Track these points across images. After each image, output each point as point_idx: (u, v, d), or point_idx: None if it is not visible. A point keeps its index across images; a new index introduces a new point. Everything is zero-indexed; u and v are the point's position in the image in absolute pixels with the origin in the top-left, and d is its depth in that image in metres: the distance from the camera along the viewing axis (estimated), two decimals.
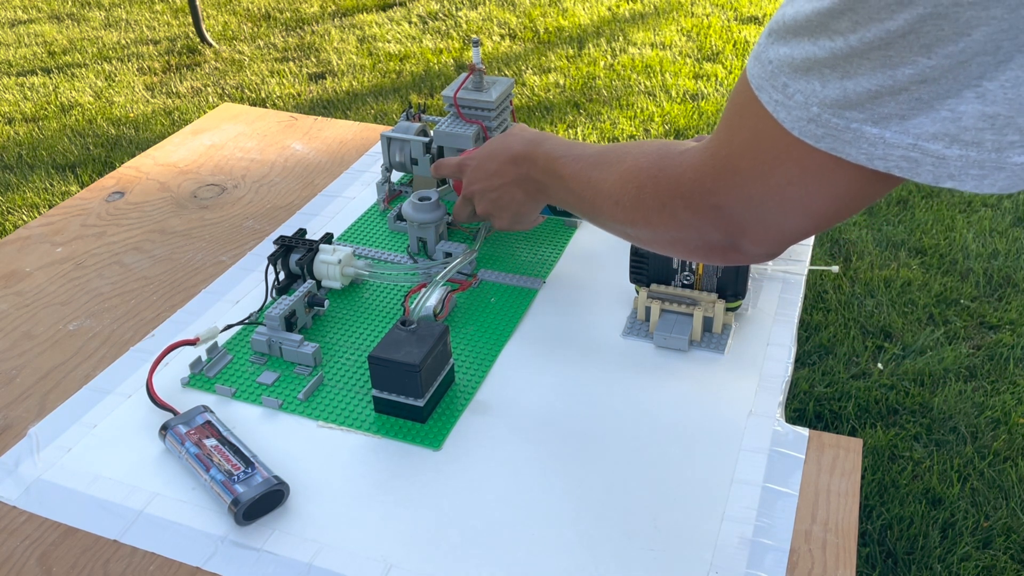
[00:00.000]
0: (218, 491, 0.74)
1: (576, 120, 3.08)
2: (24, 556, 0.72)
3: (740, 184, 0.54)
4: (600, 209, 0.71)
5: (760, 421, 0.82)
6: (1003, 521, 1.63)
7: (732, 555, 0.70)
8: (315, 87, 3.46)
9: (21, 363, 0.93)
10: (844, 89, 0.44)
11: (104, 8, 4.33)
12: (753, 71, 0.50)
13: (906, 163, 0.44)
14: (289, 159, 1.32)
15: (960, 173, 0.43)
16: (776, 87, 0.48)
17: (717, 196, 0.56)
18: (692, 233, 0.60)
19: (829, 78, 0.45)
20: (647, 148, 0.66)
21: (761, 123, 0.49)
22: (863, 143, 0.45)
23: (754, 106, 0.50)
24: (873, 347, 2.04)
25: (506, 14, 4.00)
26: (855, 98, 0.44)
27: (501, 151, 0.90)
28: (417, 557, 0.70)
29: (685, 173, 0.59)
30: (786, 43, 0.47)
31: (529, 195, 0.89)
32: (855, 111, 0.45)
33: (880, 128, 0.44)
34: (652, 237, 0.65)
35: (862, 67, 0.43)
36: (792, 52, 0.47)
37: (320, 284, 1.00)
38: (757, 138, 0.51)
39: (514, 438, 0.81)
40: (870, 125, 0.44)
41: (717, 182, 0.55)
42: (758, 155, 0.51)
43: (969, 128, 0.42)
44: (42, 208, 2.75)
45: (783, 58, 0.47)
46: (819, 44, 0.45)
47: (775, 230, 0.55)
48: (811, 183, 0.50)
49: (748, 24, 3.77)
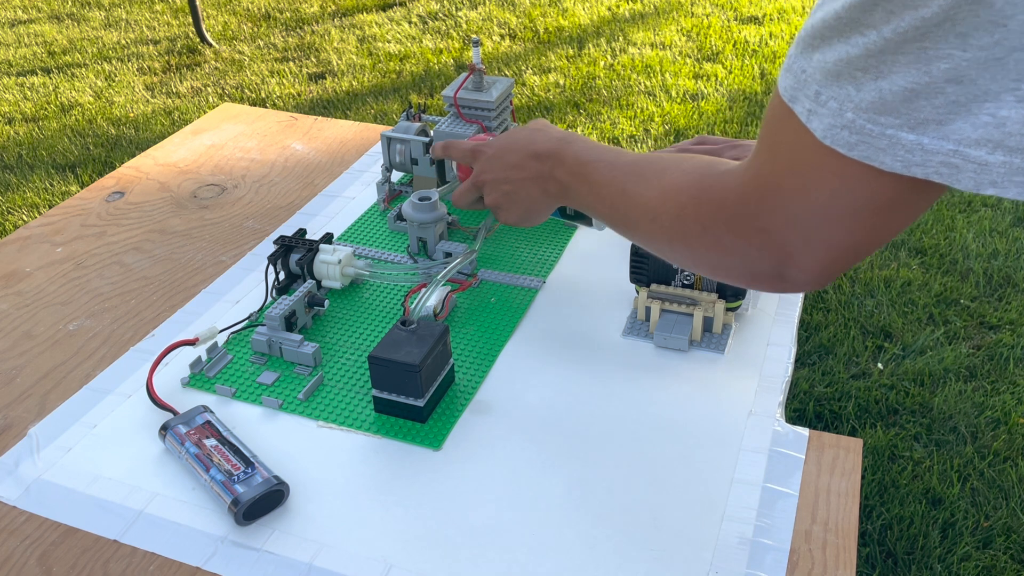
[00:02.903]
0: (218, 491, 0.74)
1: (576, 120, 3.08)
2: (24, 556, 0.72)
3: (784, 203, 0.52)
4: (635, 223, 0.68)
5: (760, 421, 0.82)
6: (1003, 521, 1.63)
7: (732, 555, 0.70)
8: (315, 87, 3.46)
9: (21, 363, 0.93)
10: (879, 90, 0.43)
11: (104, 8, 4.33)
12: (784, 83, 0.48)
13: (946, 169, 0.43)
14: (289, 159, 1.32)
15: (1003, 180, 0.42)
16: (808, 96, 0.47)
17: (762, 218, 0.53)
18: (736, 259, 0.57)
19: (863, 80, 0.44)
20: (688, 166, 0.63)
21: (798, 136, 0.48)
22: (899, 150, 0.44)
23: (789, 120, 0.48)
24: (873, 347, 2.04)
25: (506, 14, 4.00)
26: (890, 99, 0.43)
27: (524, 144, 0.85)
28: (417, 557, 0.70)
29: (728, 195, 0.56)
30: (816, 49, 0.46)
31: (547, 194, 0.84)
32: (890, 116, 0.43)
33: (917, 134, 0.43)
34: (692, 259, 0.62)
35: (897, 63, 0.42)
36: (824, 57, 0.46)
37: (320, 284, 1.00)
38: (795, 152, 0.49)
39: (514, 438, 0.81)
40: (906, 131, 0.43)
41: (761, 203, 0.53)
42: (798, 170, 0.50)
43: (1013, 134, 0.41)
44: (42, 208, 2.75)
45: (815, 65, 0.46)
46: (851, 42, 0.44)
47: (822, 252, 0.52)
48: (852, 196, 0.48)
49: (748, 24, 3.77)
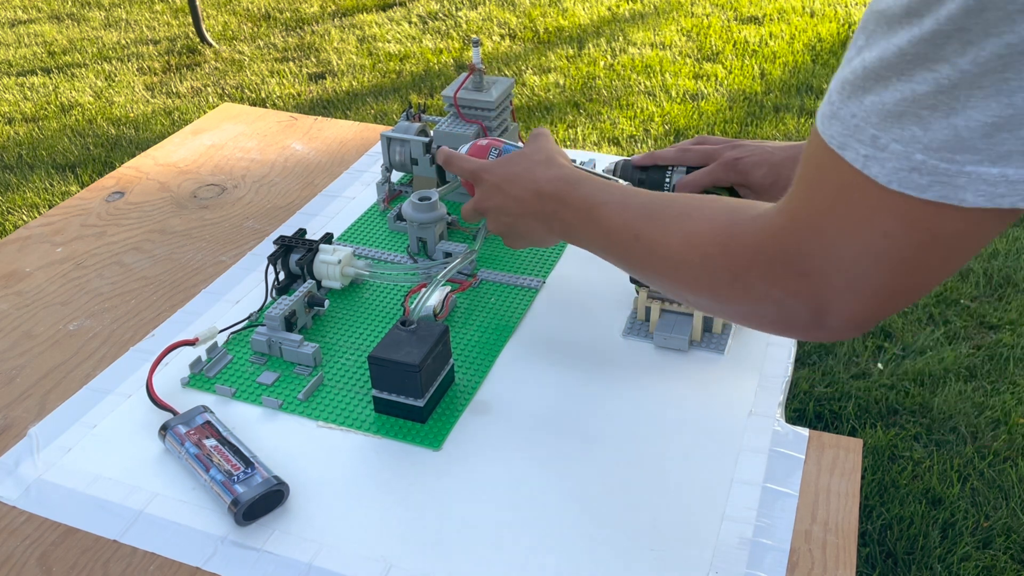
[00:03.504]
0: (218, 491, 0.73)
1: (576, 120, 3.08)
2: (24, 556, 0.72)
3: (827, 245, 0.48)
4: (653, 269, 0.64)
5: (760, 421, 0.82)
6: (1003, 521, 1.63)
7: (732, 555, 0.70)
8: (315, 87, 3.46)
9: (21, 363, 0.93)
10: (953, 128, 0.40)
11: (104, 8, 4.33)
12: (830, 131, 0.45)
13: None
14: (289, 159, 1.32)
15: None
16: (863, 141, 0.44)
17: (802, 262, 0.50)
18: (769, 307, 0.54)
19: (931, 119, 0.41)
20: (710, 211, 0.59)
21: (847, 178, 0.45)
22: (981, 185, 0.41)
23: (835, 163, 0.46)
24: (873, 347, 2.04)
25: (506, 14, 4.00)
26: (967, 136, 0.40)
27: (526, 180, 0.79)
28: (417, 557, 0.70)
29: (763, 241, 0.53)
30: (869, 91, 0.43)
31: (551, 231, 0.79)
32: (968, 153, 0.41)
33: (1001, 167, 0.40)
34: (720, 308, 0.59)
35: (973, 97, 0.39)
36: (880, 99, 0.42)
37: (320, 284, 1.00)
38: (843, 194, 0.46)
39: (514, 438, 0.81)
40: (987, 165, 0.40)
41: (801, 246, 0.50)
42: (847, 212, 0.47)
43: None
44: (42, 208, 2.75)
45: (868, 108, 0.43)
46: (916, 79, 0.41)
47: (868, 296, 0.49)
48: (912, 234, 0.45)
49: (748, 24, 3.77)
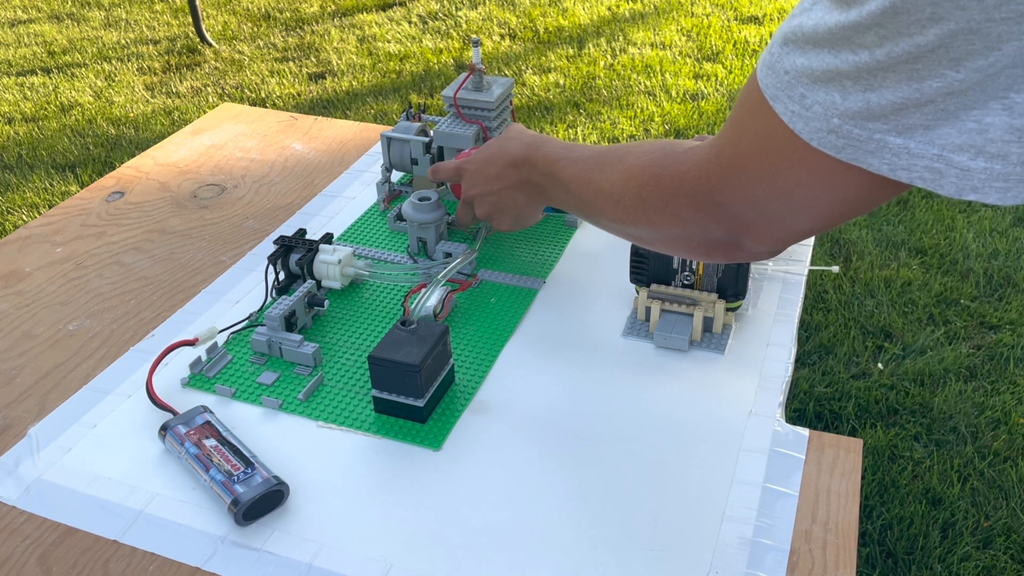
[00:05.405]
0: (218, 491, 0.73)
1: (576, 120, 3.08)
2: (24, 556, 0.72)
3: (746, 183, 0.54)
4: (601, 210, 0.71)
5: (760, 421, 0.82)
6: (1003, 521, 1.63)
7: (732, 555, 0.70)
8: (315, 87, 3.46)
9: (21, 363, 0.93)
10: (867, 101, 0.44)
11: (104, 8, 4.33)
12: (767, 80, 0.49)
13: (929, 174, 0.44)
14: (289, 159, 1.32)
15: (984, 186, 0.43)
16: (793, 98, 0.47)
17: (722, 194, 0.56)
18: (695, 230, 0.60)
19: (851, 90, 0.44)
20: (648, 147, 0.66)
21: (772, 127, 0.49)
22: (886, 153, 0.45)
23: (765, 110, 0.50)
24: (873, 347, 2.04)
25: (506, 14, 4.00)
26: (878, 110, 0.44)
27: (500, 155, 0.89)
28: (417, 557, 0.70)
29: (690, 171, 0.59)
30: (803, 53, 0.46)
31: (530, 198, 0.88)
32: (878, 122, 0.44)
33: (904, 138, 0.44)
34: (654, 236, 0.66)
35: (887, 80, 0.43)
36: (811, 63, 0.46)
37: (320, 284, 1.00)
38: (767, 140, 0.51)
39: (514, 438, 0.81)
40: (894, 135, 0.44)
41: (723, 180, 0.56)
42: (767, 157, 0.51)
43: (995, 140, 0.42)
44: (42, 208, 2.74)
45: (800, 68, 0.46)
46: (841, 57, 0.44)
47: (779, 229, 0.55)
48: (820, 187, 0.50)
49: (748, 24, 3.77)
